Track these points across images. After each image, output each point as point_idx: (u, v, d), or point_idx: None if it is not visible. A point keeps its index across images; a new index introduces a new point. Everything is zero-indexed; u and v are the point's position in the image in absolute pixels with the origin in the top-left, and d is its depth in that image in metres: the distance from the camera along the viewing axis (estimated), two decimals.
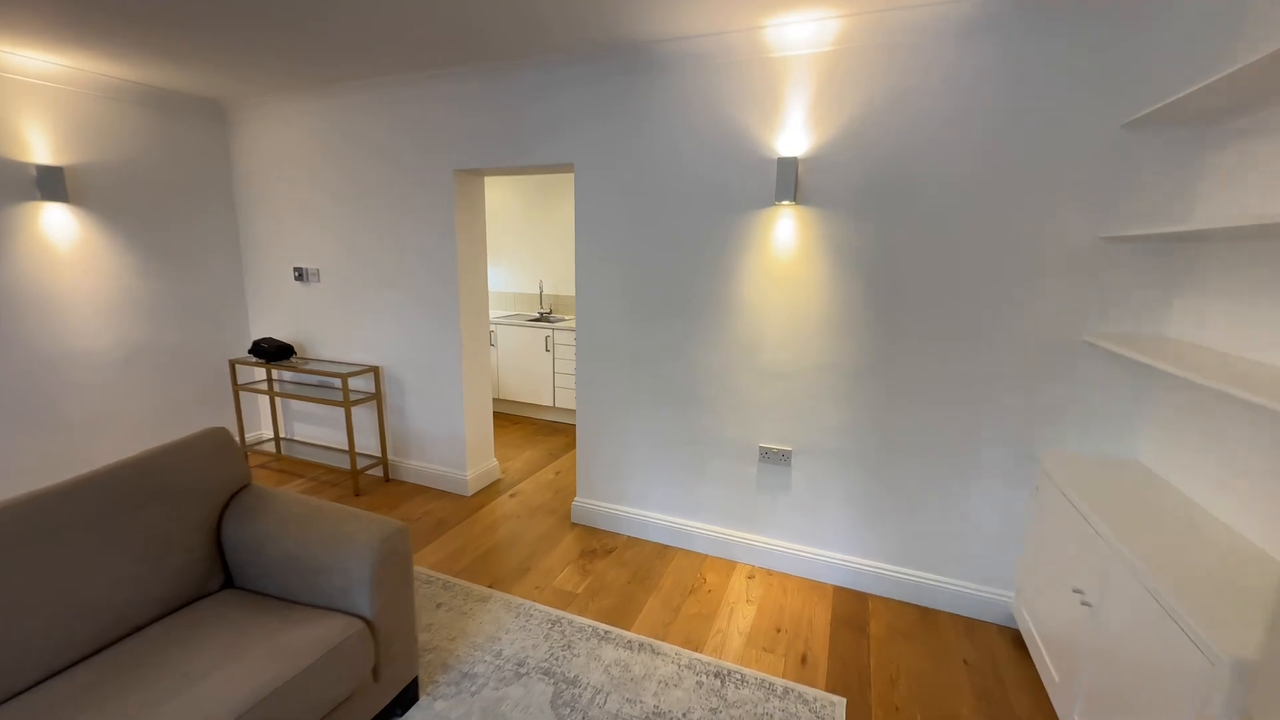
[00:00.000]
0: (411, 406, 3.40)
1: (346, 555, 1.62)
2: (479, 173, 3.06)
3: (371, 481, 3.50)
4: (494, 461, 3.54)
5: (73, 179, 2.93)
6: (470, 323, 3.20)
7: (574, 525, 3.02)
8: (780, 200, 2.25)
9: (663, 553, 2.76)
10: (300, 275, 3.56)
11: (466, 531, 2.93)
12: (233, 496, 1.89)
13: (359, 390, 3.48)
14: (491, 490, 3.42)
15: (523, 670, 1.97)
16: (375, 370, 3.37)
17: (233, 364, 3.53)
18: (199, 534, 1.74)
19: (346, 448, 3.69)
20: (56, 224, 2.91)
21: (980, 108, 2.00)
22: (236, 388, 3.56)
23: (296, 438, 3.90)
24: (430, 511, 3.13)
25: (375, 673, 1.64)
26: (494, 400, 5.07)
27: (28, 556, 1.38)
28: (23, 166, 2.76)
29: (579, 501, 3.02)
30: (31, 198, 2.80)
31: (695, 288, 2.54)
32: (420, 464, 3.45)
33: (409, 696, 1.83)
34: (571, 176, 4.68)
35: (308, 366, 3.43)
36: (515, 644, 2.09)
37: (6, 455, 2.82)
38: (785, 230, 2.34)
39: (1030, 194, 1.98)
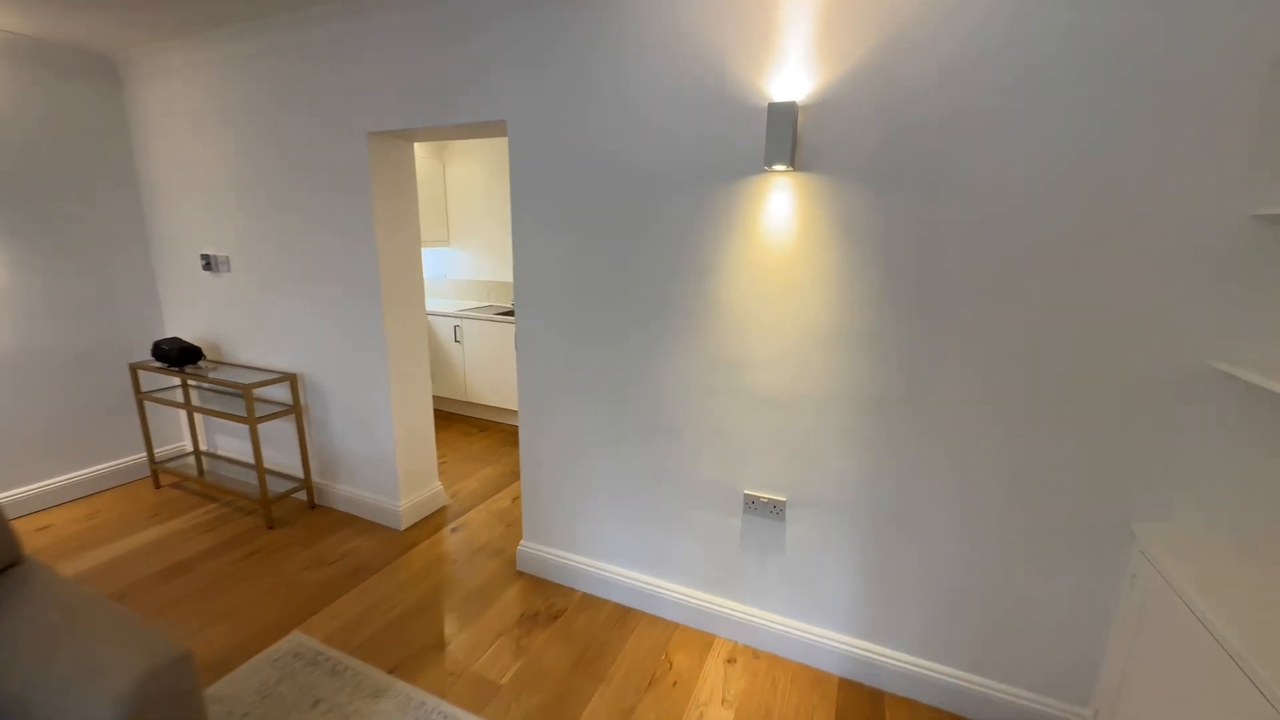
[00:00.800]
0: (335, 421, 2.85)
1: (83, 703, 1.07)
2: (402, 136, 2.45)
3: (294, 509, 2.97)
4: (437, 486, 2.98)
5: None
6: (399, 319, 2.62)
7: (519, 575, 2.46)
8: (772, 165, 1.61)
9: (623, 619, 2.18)
10: (208, 264, 3.00)
11: (386, 582, 2.38)
12: None
13: (276, 401, 2.94)
14: (431, 522, 2.87)
15: None
16: (292, 378, 2.81)
17: (134, 369, 3.01)
18: None
19: (271, 467, 3.17)
20: None
21: (1079, 23, 1.34)
22: (140, 396, 3.03)
23: (221, 453, 3.39)
24: (350, 553, 2.59)
25: None
26: (461, 405, 4.52)
27: None
28: None
29: (525, 547, 2.46)
30: None
31: (661, 285, 1.93)
32: (350, 489, 2.91)
33: None
34: None
35: (214, 373, 2.88)
36: None
37: None
38: (779, 207, 1.71)
39: (1146, 151, 1.33)
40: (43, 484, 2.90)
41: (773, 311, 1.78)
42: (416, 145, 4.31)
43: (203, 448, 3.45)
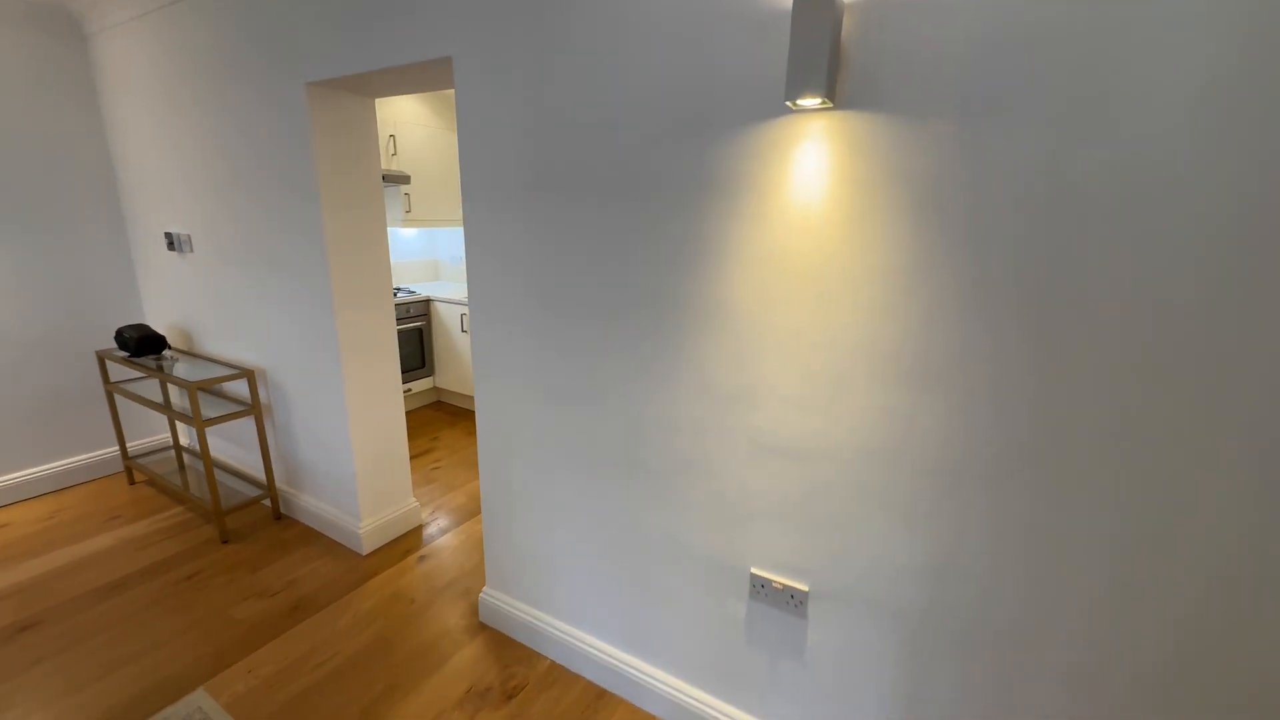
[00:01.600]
0: (297, 426, 2.49)
1: None
2: (349, 89, 2.00)
3: (259, 519, 2.66)
4: (410, 504, 2.59)
5: None
6: (355, 313, 2.21)
7: (482, 627, 2.02)
8: (799, 99, 1.03)
9: (595, 705, 1.70)
10: (172, 243, 2.70)
11: (327, 625, 2.01)
12: None
13: (240, 400, 2.62)
14: (401, 546, 2.48)
15: None
16: (250, 375, 2.47)
17: (100, 356, 2.77)
18: None
19: (242, 470, 2.88)
20: None
21: None
22: (109, 386, 2.80)
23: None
24: (298, 581, 2.23)
25: None
26: (469, 400, 4.14)
27: None
28: None
29: (488, 596, 2.01)
30: None
31: (640, 280, 1.39)
32: (314, 503, 2.57)
33: None
34: None
35: (173, 365, 2.59)
36: None
37: None
38: (809, 166, 1.13)
39: None
40: (6, 477, 2.72)
41: (795, 322, 1.21)
42: (425, 113, 3.90)
43: (184, 442, 3.22)
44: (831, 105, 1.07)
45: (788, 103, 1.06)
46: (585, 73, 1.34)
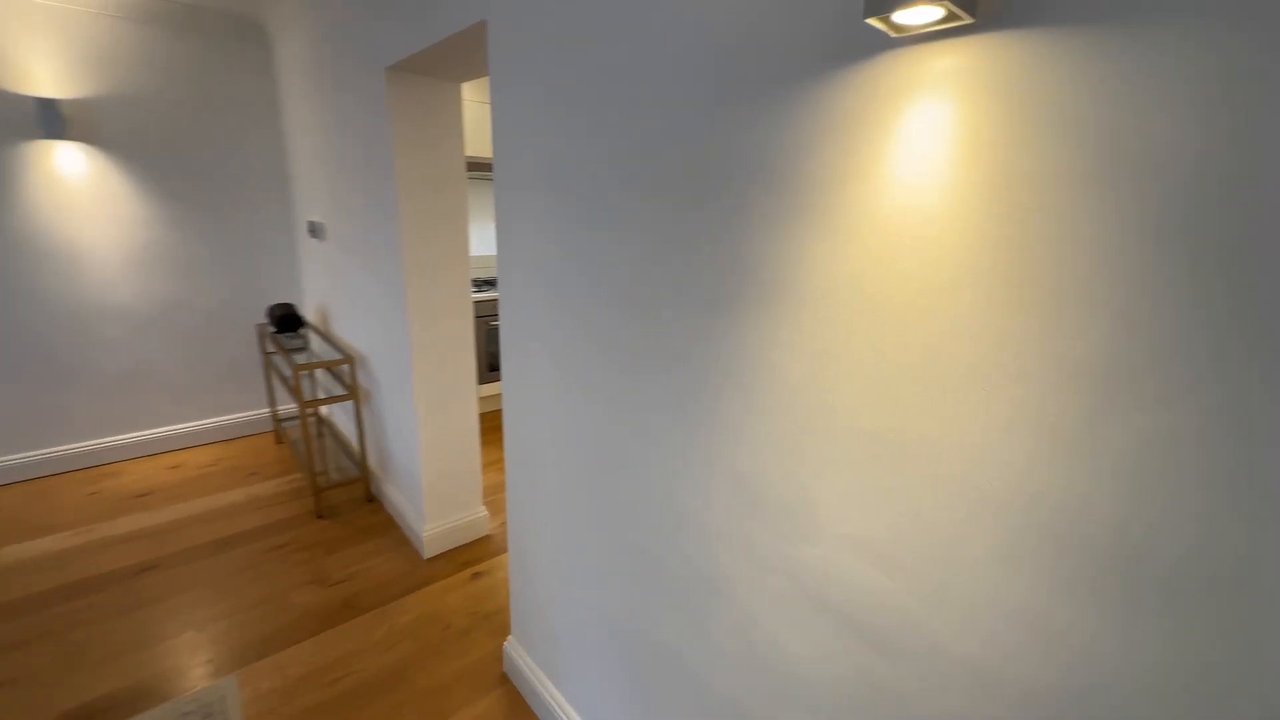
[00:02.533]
0: (386, 415, 2.52)
1: None
2: (423, 70, 1.85)
3: (354, 499, 2.77)
4: (479, 512, 2.47)
5: (76, 115, 2.64)
6: (428, 307, 2.10)
7: (503, 679, 1.79)
8: (898, 9, 0.53)
9: None
10: (313, 230, 2.91)
11: (364, 632, 1.95)
12: None
13: (339, 385, 2.73)
14: (460, 556, 2.38)
15: None
16: (351, 360, 2.55)
17: (260, 329, 3.12)
18: None
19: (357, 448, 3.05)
20: (71, 165, 2.67)
21: None
22: (266, 355, 3.15)
23: (337, 423, 3.43)
24: (359, 575, 2.23)
25: None
26: None
27: None
28: (20, 100, 2.52)
29: (511, 647, 1.77)
30: (35, 136, 2.57)
31: (654, 316, 0.97)
32: (394, 493, 2.59)
33: None
34: None
35: (297, 346, 2.79)
36: None
37: (40, 407, 2.78)
38: (920, 142, 0.61)
39: None
40: (187, 425, 3.21)
41: (879, 418, 0.71)
42: None
43: (323, 412, 3.55)
44: (969, 20, 0.55)
45: (871, 21, 0.57)
46: (608, 28, 0.95)
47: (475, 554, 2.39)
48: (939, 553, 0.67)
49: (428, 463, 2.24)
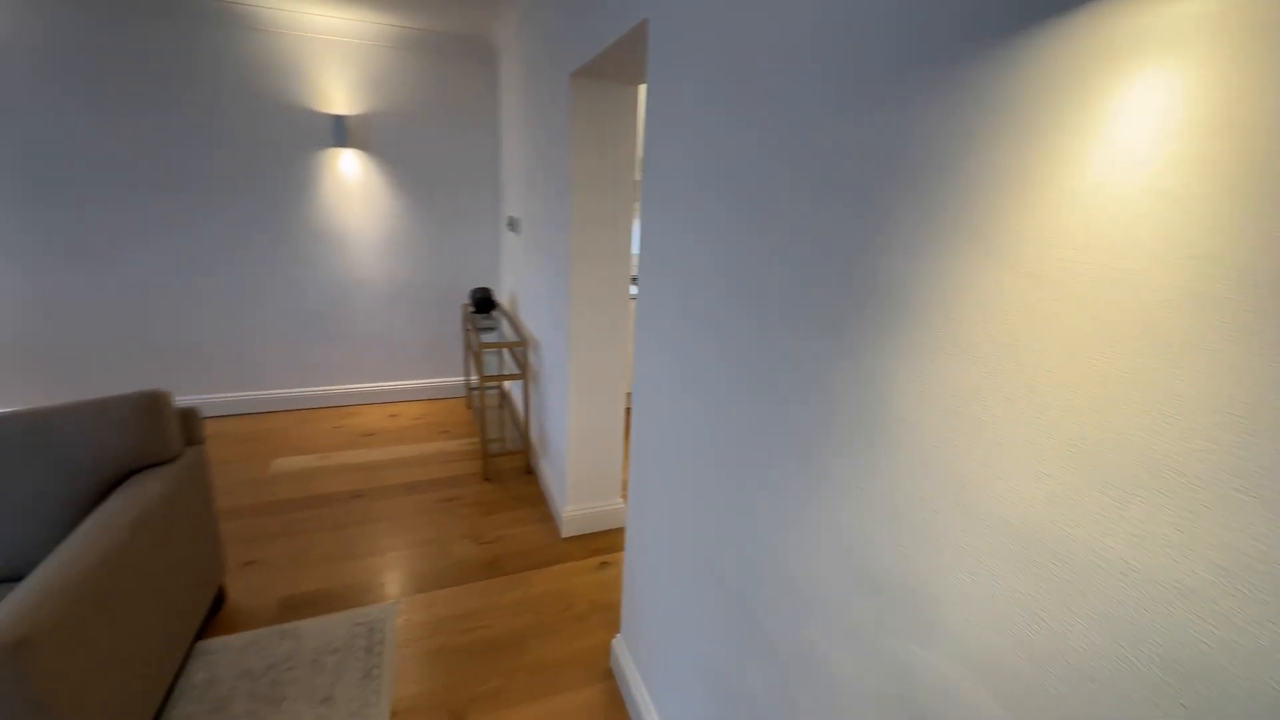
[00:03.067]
0: (548, 396, 2.72)
1: None
2: (607, 75, 1.91)
3: (517, 468, 3.06)
4: (617, 504, 2.54)
5: (357, 126, 3.31)
6: (589, 303, 2.20)
7: (609, 674, 1.81)
8: None
9: None
10: (511, 225, 3.25)
11: (499, 593, 2.13)
12: (135, 472, 1.64)
13: (517, 365, 3.02)
14: (593, 543, 2.47)
15: None
16: (525, 343, 2.80)
17: (464, 308, 3.61)
18: (68, 509, 1.55)
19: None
20: (349, 167, 3.37)
21: None
22: (466, 332, 3.64)
23: (515, 395, 3.83)
24: (504, 540, 2.45)
25: None
26: None
27: None
28: (323, 117, 3.24)
29: (619, 644, 1.77)
30: (330, 144, 3.29)
31: (792, 313, 0.85)
32: (547, 469, 2.79)
33: None
34: None
35: (486, 326, 3.16)
36: None
37: (310, 355, 3.60)
38: (1153, 108, 0.42)
39: None
40: (407, 382, 3.87)
41: (1033, 509, 0.51)
42: None
43: (506, 386, 3.98)
44: None
45: None
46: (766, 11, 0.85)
47: (606, 543, 2.46)
48: (1091, 711, 0.47)
49: (574, 447, 2.36)
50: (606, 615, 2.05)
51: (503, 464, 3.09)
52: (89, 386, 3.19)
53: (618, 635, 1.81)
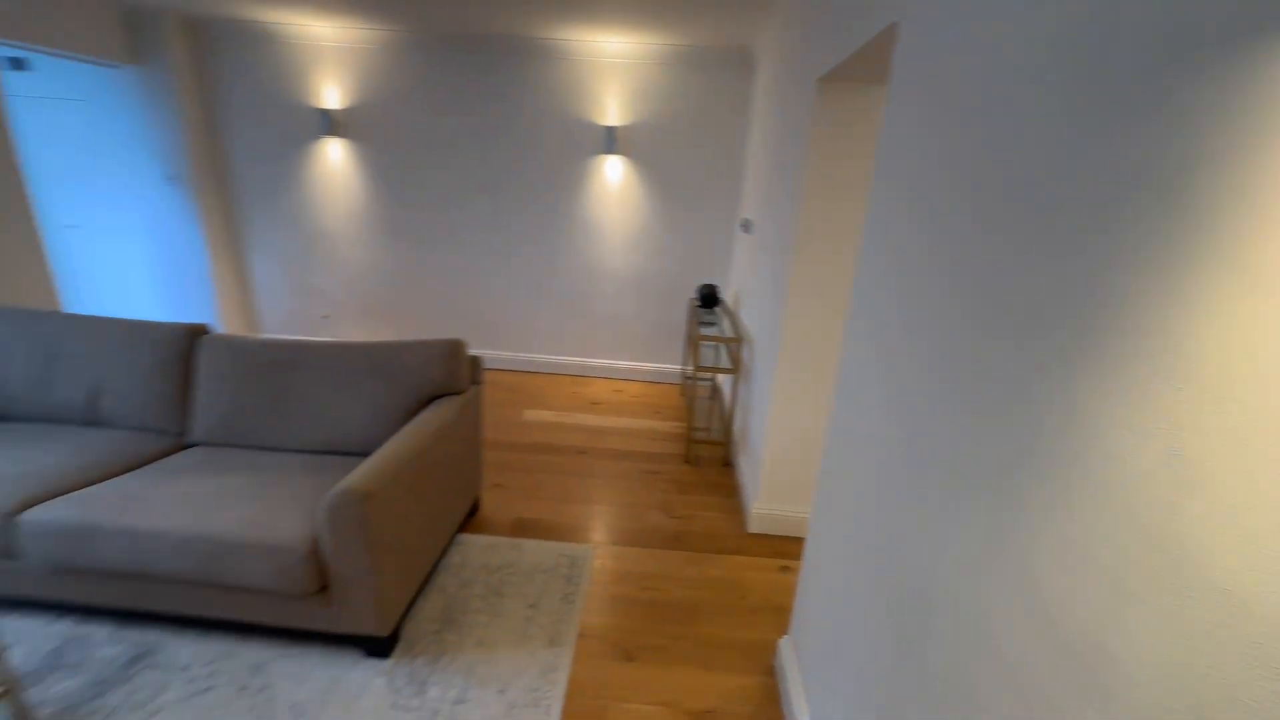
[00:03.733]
0: (752, 396, 2.79)
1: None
2: (859, 78, 1.87)
3: (717, 457, 3.20)
4: (808, 513, 2.49)
5: (622, 136, 3.79)
6: (808, 304, 2.20)
7: (770, 670, 1.83)
8: None
9: None
10: (745, 226, 3.38)
11: (676, 565, 2.30)
12: (435, 398, 2.22)
13: (726, 361, 3.14)
14: (778, 545, 2.47)
15: None
16: (739, 341, 2.91)
17: (690, 301, 3.87)
18: (397, 414, 2.19)
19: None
20: (613, 171, 3.89)
21: None
22: (690, 324, 3.91)
23: (726, 389, 3.98)
24: (693, 518, 2.62)
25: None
26: None
27: (303, 378, 2.16)
28: (599, 129, 3.79)
29: (786, 645, 1.78)
30: (601, 151, 3.84)
31: (1001, 326, 0.80)
32: (744, 463, 2.87)
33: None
34: None
35: (708, 321, 3.34)
36: None
37: (562, 329, 4.28)
38: None
39: None
40: (633, 363, 4.32)
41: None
42: None
43: (719, 380, 4.15)
44: None
45: None
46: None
47: (790, 548, 2.45)
48: None
49: (771, 448, 2.40)
50: (778, 616, 2.06)
51: (704, 451, 3.27)
52: (415, 329, 4.33)
53: (785, 636, 1.82)
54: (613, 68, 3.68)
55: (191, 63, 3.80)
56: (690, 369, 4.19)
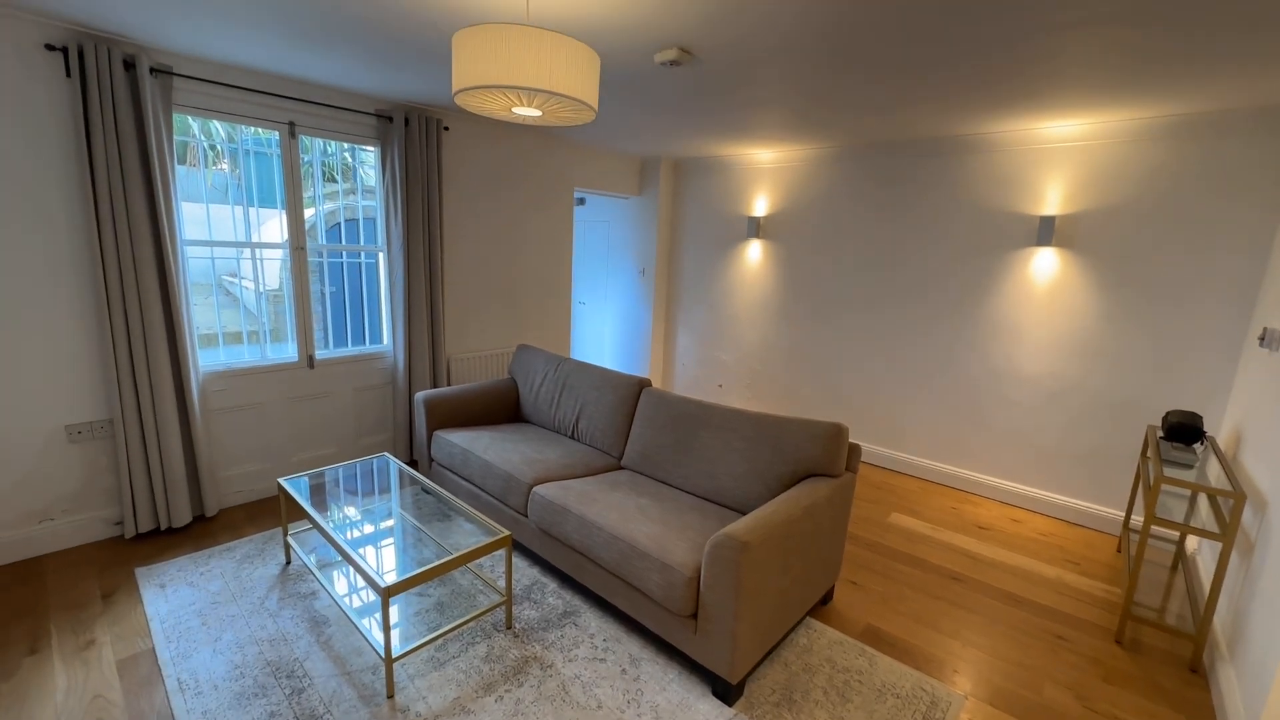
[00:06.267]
0: (1260, 582, 1.89)
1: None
2: None
3: (1172, 656, 2.26)
4: None
5: (1063, 226, 3.24)
6: None
7: None
8: None
9: None
10: (1264, 338, 2.40)
11: None
12: (810, 475, 2.32)
13: (1209, 522, 2.20)
14: None
15: None
16: (1238, 497, 2.04)
17: (1150, 430, 2.93)
18: (774, 482, 2.37)
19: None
20: (1044, 265, 3.36)
21: None
22: (1142, 459, 2.95)
23: (1202, 560, 2.79)
24: None
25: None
26: None
27: (705, 433, 2.60)
28: (1030, 219, 3.36)
29: None
30: (1029, 244, 3.38)
31: None
32: (1232, 682, 1.94)
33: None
34: None
35: (1173, 456, 2.45)
36: None
37: (950, 434, 3.83)
38: None
39: None
40: (1039, 491, 3.49)
41: None
42: None
43: (1190, 548, 2.93)
44: None
45: None
46: None
47: None
48: None
49: None
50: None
51: (1151, 637, 2.36)
52: (796, 406, 4.58)
53: None
54: (1054, 153, 3.26)
55: (671, 190, 5.21)
56: (1140, 520, 3.14)
